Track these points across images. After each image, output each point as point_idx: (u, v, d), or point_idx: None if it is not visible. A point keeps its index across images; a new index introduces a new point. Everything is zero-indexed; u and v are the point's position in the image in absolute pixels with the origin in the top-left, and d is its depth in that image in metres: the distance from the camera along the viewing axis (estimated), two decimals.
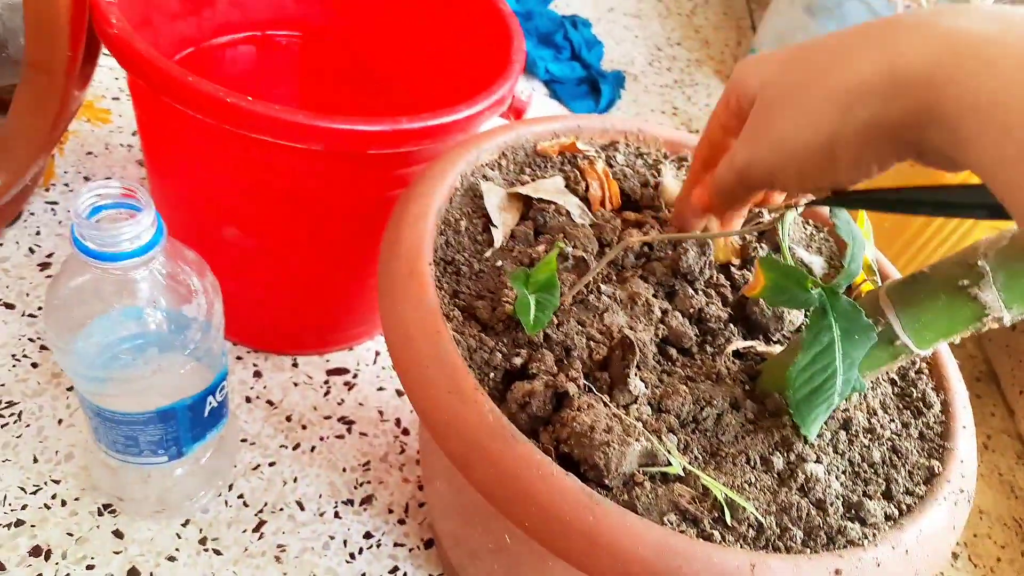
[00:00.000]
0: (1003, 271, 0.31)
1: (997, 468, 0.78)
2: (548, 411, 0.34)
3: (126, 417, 0.42)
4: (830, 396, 0.33)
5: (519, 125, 0.47)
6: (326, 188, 0.48)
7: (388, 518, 0.55)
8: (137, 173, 0.73)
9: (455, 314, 0.36)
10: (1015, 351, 0.85)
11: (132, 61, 0.43)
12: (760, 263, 0.33)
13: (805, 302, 0.33)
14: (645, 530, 0.29)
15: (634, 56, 1.18)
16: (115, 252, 0.35)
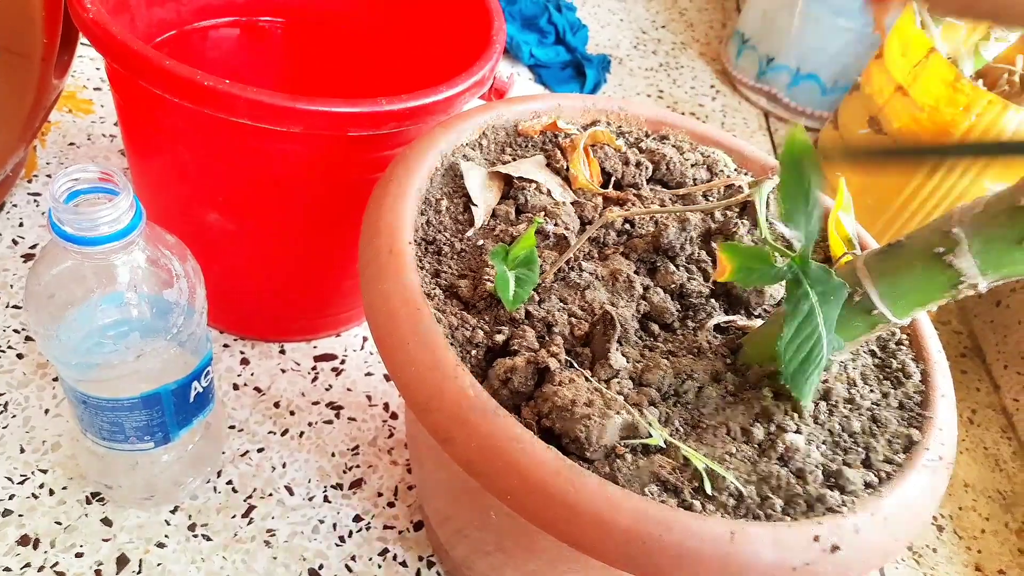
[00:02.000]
0: (978, 237, 0.31)
1: (982, 442, 0.78)
2: (530, 387, 0.34)
3: (110, 403, 0.42)
4: (819, 360, 0.34)
5: (499, 105, 0.47)
6: (308, 171, 0.48)
7: (377, 501, 0.56)
8: (120, 163, 0.72)
9: (436, 293, 0.37)
10: (1000, 326, 0.86)
11: (107, 46, 0.43)
12: (721, 249, 0.34)
13: (777, 276, 0.34)
14: (625, 500, 0.30)
15: (619, 39, 1.17)
16: (94, 236, 0.35)
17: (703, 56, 1.20)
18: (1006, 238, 0.30)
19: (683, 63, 1.17)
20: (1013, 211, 0.30)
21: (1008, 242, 0.31)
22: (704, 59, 1.20)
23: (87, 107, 0.76)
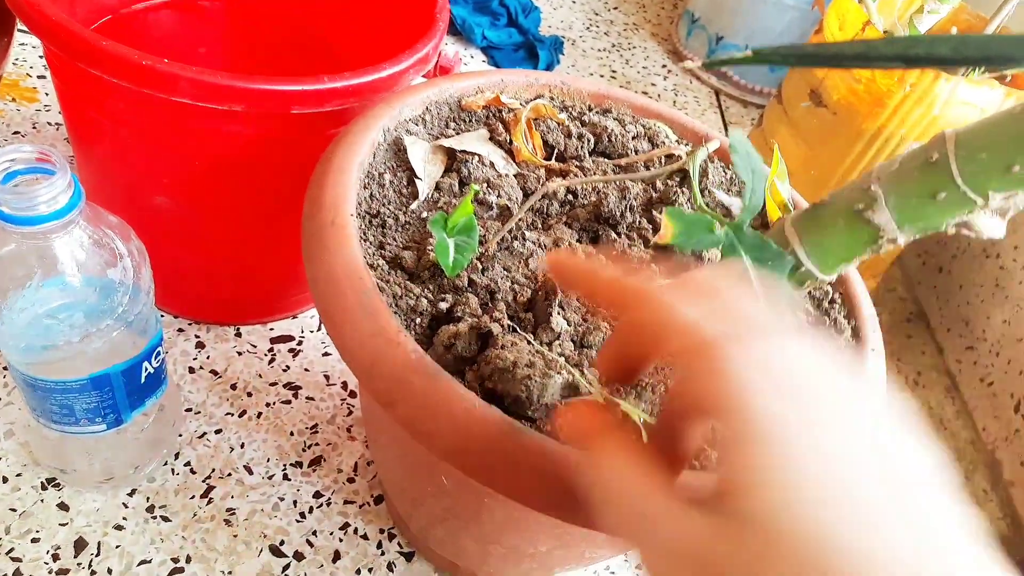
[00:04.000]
0: (894, 193, 0.33)
1: (927, 402, 0.81)
2: (473, 351, 0.35)
3: (59, 385, 0.42)
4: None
5: (443, 81, 0.47)
6: (254, 152, 0.48)
7: (338, 477, 0.56)
8: (67, 151, 0.71)
9: (380, 264, 0.37)
10: (942, 292, 0.89)
11: (43, 27, 0.43)
12: (666, 214, 0.35)
13: (714, 242, 0.35)
14: (565, 455, 0.31)
15: (572, 21, 1.18)
16: (32, 216, 0.35)
17: (655, 36, 1.22)
18: (920, 193, 0.32)
19: (635, 43, 1.18)
20: (925, 167, 0.32)
21: (921, 197, 0.32)
22: (656, 39, 1.21)
23: (31, 95, 0.75)
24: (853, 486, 0.19)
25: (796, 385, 0.20)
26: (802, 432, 0.19)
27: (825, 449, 0.19)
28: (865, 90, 0.67)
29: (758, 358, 0.21)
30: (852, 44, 0.27)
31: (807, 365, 0.21)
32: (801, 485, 0.19)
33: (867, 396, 0.21)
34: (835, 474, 0.19)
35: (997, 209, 0.32)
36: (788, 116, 0.77)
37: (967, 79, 0.65)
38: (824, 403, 0.20)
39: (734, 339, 0.21)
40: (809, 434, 0.19)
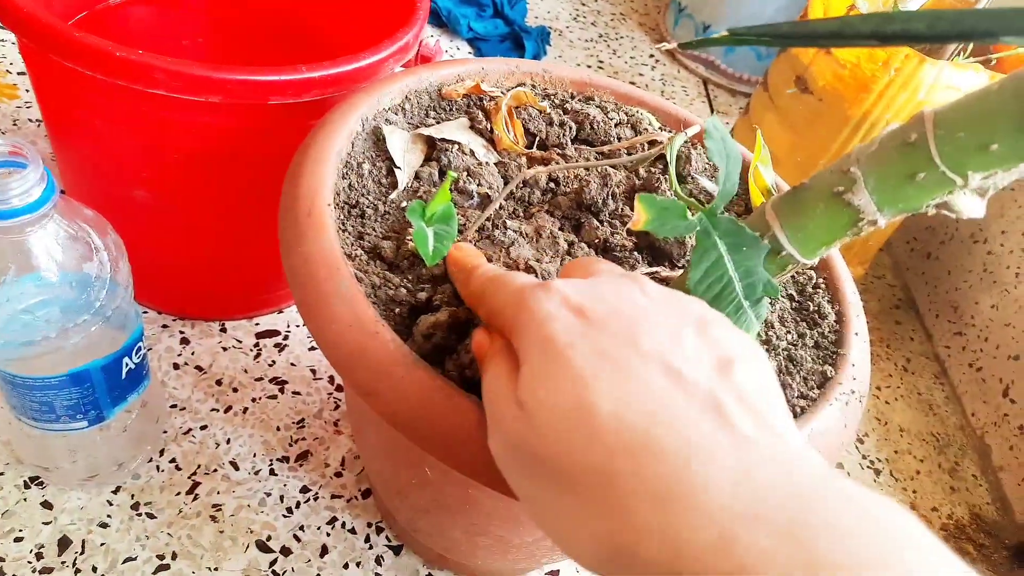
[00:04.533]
0: (873, 175, 0.32)
1: (916, 388, 0.81)
2: (453, 341, 0.35)
3: (38, 382, 0.41)
4: (734, 300, 0.35)
5: (422, 69, 0.47)
6: (232, 143, 0.48)
7: (325, 472, 0.56)
8: (47, 148, 0.71)
9: (358, 254, 0.37)
10: (931, 278, 0.89)
11: (16, 21, 0.42)
12: (639, 200, 0.35)
13: (688, 228, 0.35)
14: None
15: (558, 11, 1.18)
16: (5, 209, 0.35)
17: (642, 26, 1.21)
18: (898, 174, 0.32)
19: (622, 34, 1.18)
20: (903, 147, 0.31)
21: (900, 178, 0.32)
22: (643, 29, 1.20)
23: (11, 92, 0.74)
24: (620, 366, 0.23)
25: (573, 299, 0.25)
26: (577, 338, 0.23)
27: (594, 344, 0.23)
28: (850, 76, 0.67)
29: (557, 292, 0.25)
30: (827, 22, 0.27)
31: (603, 291, 0.26)
32: (571, 380, 0.23)
33: (652, 303, 0.26)
34: (598, 366, 0.23)
35: (976, 189, 0.31)
36: (774, 103, 0.76)
37: (952, 63, 0.65)
38: (615, 312, 0.25)
39: (538, 287, 0.26)
40: (586, 339, 0.23)
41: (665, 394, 0.22)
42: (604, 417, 0.21)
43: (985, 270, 0.81)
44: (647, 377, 0.22)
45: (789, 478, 0.20)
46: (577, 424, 0.22)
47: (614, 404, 0.22)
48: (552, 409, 0.22)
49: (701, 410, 0.22)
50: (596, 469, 0.21)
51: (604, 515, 0.21)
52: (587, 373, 0.22)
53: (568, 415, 0.22)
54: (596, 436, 0.21)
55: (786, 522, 0.19)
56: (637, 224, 0.35)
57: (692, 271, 0.34)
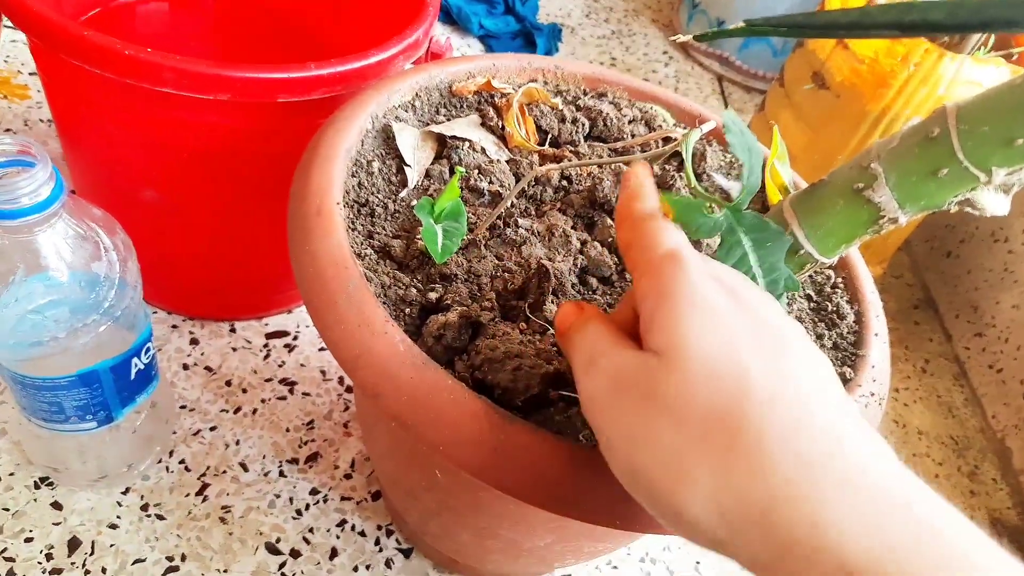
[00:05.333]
0: (894, 171, 0.32)
1: (935, 390, 0.80)
2: (464, 341, 0.34)
3: (47, 382, 0.41)
4: None
5: (433, 66, 0.46)
6: (242, 142, 0.48)
7: (334, 474, 0.56)
8: (58, 148, 0.71)
9: (368, 253, 0.36)
10: (950, 277, 0.87)
11: (26, 20, 0.42)
12: (664, 199, 0.34)
13: (713, 227, 0.34)
14: (556, 446, 0.30)
15: (570, 8, 1.17)
16: (13, 209, 0.35)
17: (655, 23, 1.20)
18: (920, 170, 0.31)
19: (635, 30, 1.17)
20: (925, 142, 0.31)
21: (922, 174, 0.31)
22: (656, 25, 1.19)
23: (23, 92, 0.74)
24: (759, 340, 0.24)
25: (726, 281, 0.26)
26: (732, 313, 0.24)
27: (748, 327, 0.24)
28: (868, 71, 0.66)
29: (701, 264, 0.26)
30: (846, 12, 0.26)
31: (742, 280, 0.27)
32: (723, 339, 0.23)
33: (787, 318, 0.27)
34: (751, 341, 0.24)
35: (1000, 185, 0.31)
36: (790, 99, 0.75)
37: (973, 58, 0.63)
38: (750, 300, 0.26)
39: (692, 252, 0.26)
40: (738, 315, 0.24)
41: (812, 396, 0.23)
42: (760, 380, 0.22)
43: (1006, 269, 0.79)
44: (796, 370, 0.23)
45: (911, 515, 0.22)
46: (730, 378, 0.22)
47: (766, 376, 0.23)
48: (703, 360, 0.23)
49: (842, 416, 0.23)
50: (742, 423, 0.22)
51: (741, 466, 0.22)
52: (740, 341, 0.23)
53: (723, 365, 0.23)
54: (751, 392, 0.22)
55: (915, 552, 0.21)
56: None
57: None
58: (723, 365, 0.23)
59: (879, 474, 0.22)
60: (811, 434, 0.22)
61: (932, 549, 0.21)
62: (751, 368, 0.23)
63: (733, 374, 0.23)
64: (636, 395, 0.24)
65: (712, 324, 0.24)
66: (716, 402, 0.22)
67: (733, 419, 0.22)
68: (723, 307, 0.24)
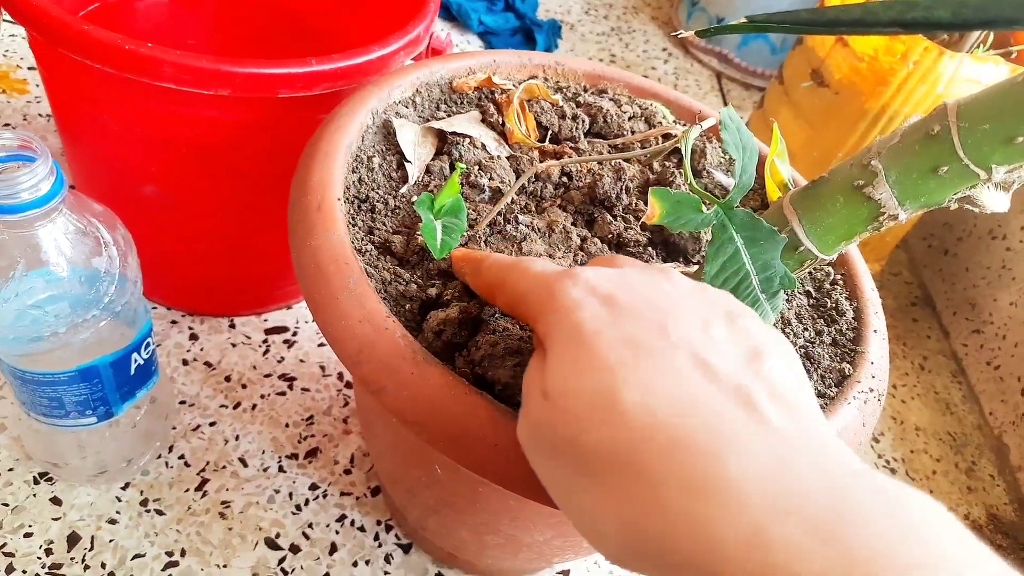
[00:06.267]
0: (894, 168, 0.32)
1: (933, 387, 0.80)
2: (464, 337, 0.34)
3: (46, 377, 0.41)
4: (751, 294, 0.34)
5: (433, 62, 0.46)
6: (243, 138, 0.48)
7: (334, 469, 0.56)
8: (57, 143, 0.71)
9: (368, 249, 0.36)
10: (948, 275, 0.87)
11: (25, 14, 0.42)
12: (652, 193, 0.34)
13: (704, 222, 0.34)
14: None
15: (570, 5, 1.17)
16: (13, 204, 0.35)
17: (655, 19, 1.20)
18: (920, 167, 0.31)
19: (635, 27, 1.17)
20: (926, 140, 0.31)
21: (922, 171, 0.31)
22: (656, 22, 1.19)
23: (21, 87, 0.74)
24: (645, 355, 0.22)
25: (602, 287, 0.25)
26: (605, 327, 0.23)
27: (622, 332, 0.23)
28: (868, 69, 0.66)
29: (585, 280, 0.25)
30: (848, 9, 0.26)
31: (631, 280, 0.25)
32: (596, 368, 0.22)
33: (682, 294, 0.25)
34: (625, 354, 0.22)
35: (1000, 182, 0.31)
36: (790, 97, 0.75)
37: (972, 56, 0.64)
38: (642, 301, 0.24)
39: (567, 273, 0.26)
40: (613, 327, 0.23)
41: (695, 385, 0.22)
42: (630, 405, 0.21)
43: (1004, 267, 0.80)
44: (676, 367, 0.22)
45: (822, 471, 0.20)
46: (602, 410, 0.22)
47: (642, 393, 0.21)
48: (577, 395, 0.22)
49: (732, 402, 0.22)
50: (623, 457, 0.21)
51: (632, 502, 0.21)
52: (613, 361, 0.22)
53: (593, 401, 0.22)
54: (623, 423, 0.21)
55: (820, 517, 0.19)
56: (651, 218, 0.34)
57: (708, 265, 0.34)
58: (597, 402, 0.22)
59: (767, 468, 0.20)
60: (690, 453, 0.20)
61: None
62: (624, 397, 0.21)
63: (608, 414, 0.21)
64: (545, 443, 0.24)
65: (584, 356, 0.23)
66: (606, 448, 0.21)
67: (624, 465, 0.21)
68: (596, 327, 0.23)
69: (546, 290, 0.25)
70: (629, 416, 0.21)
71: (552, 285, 0.25)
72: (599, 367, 0.22)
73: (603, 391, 0.22)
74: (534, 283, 0.27)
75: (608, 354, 0.22)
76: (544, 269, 0.27)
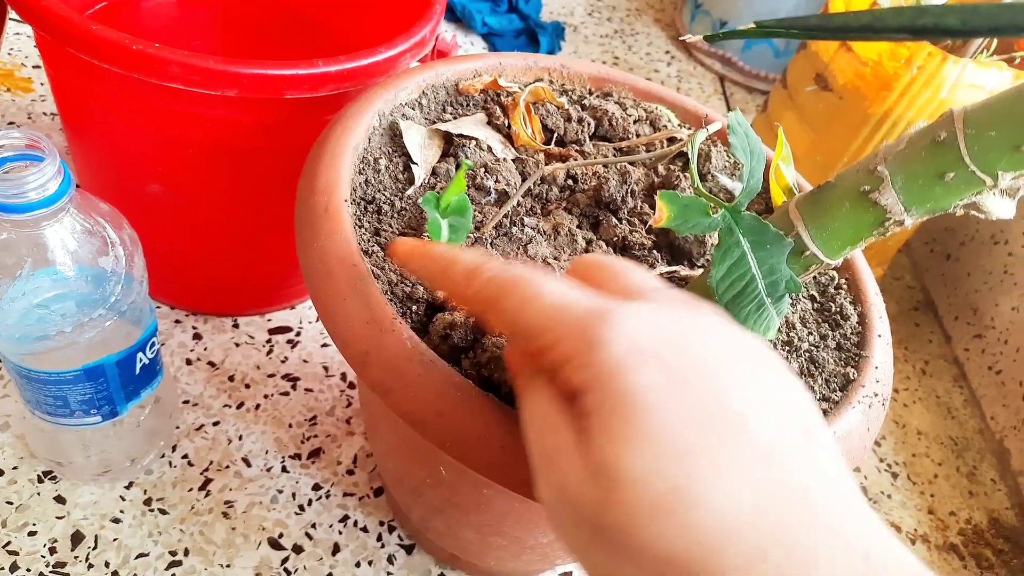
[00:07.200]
0: (901, 174, 0.32)
1: (935, 391, 0.80)
2: (470, 340, 0.34)
3: (52, 376, 0.41)
4: (756, 298, 0.34)
5: (439, 64, 0.46)
6: (248, 138, 0.48)
7: (337, 469, 0.56)
8: (63, 142, 0.71)
9: (375, 250, 0.36)
10: (950, 279, 0.88)
11: (33, 13, 0.42)
12: (661, 197, 0.34)
13: (711, 226, 0.34)
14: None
15: (573, 6, 1.17)
16: (21, 203, 0.35)
17: (658, 22, 1.20)
18: (927, 173, 0.31)
19: (638, 29, 1.17)
20: (933, 146, 0.31)
21: (929, 177, 0.31)
22: (659, 25, 1.20)
23: (26, 85, 0.74)
24: (711, 441, 0.20)
25: (659, 351, 0.21)
26: (665, 398, 0.20)
27: (684, 408, 0.20)
28: (872, 73, 0.66)
29: (629, 334, 0.21)
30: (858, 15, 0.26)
31: (681, 330, 0.22)
32: (660, 451, 0.20)
33: (740, 352, 0.23)
34: (692, 437, 0.20)
35: (1006, 189, 0.31)
36: (793, 101, 0.75)
37: (975, 61, 0.64)
38: (694, 362, 0.21)
39: (603, 315, 0.22)
40: (674, 399, 0.20)
41: (768, 484, 0.20)
42: (706, 509, 0.19)
43: (1006, 272, 0.80)
44: (748, 460, 0.20)
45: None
46: (673, 509, 0.19)
47: (719, 495, 0.19)
48: (643, 485, 0.19)
49: (801, 503, 0.20)
50: (694, 564, 0.19)
51: None
52: (681, 449, 0.20)
53: (666, 499, 0.19)
54: (697, 527, 0.19)
55: None
56: (659, 221, 0.34)
57: (715, 269, 0.34)
58: (666, 496, 0.19)
59: None
60: (774, 563, 0.19)
61: None
62: (697, 492, 0.19)
63: (679, 512, 0.19)
64: (586, 523, 0.21)
65: (644, 434, 0.20)
66: (667, 548, 0.19)
67: (690, 568, 0.19)
68: (655, 398, 0.20)
69: (578, 334, 0.22)
70: (706, 521, 0.19)
71: (587, 331, 0.22)
72: (667, 455, 0.20)
73: (676, 488, 0.19)
74: (556, 319, 0.23)
75: (675, 439, 0.20)
76: (564, 300, 0.23)
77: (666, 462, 0.20)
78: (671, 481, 0.19)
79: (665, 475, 0.19)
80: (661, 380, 0.21)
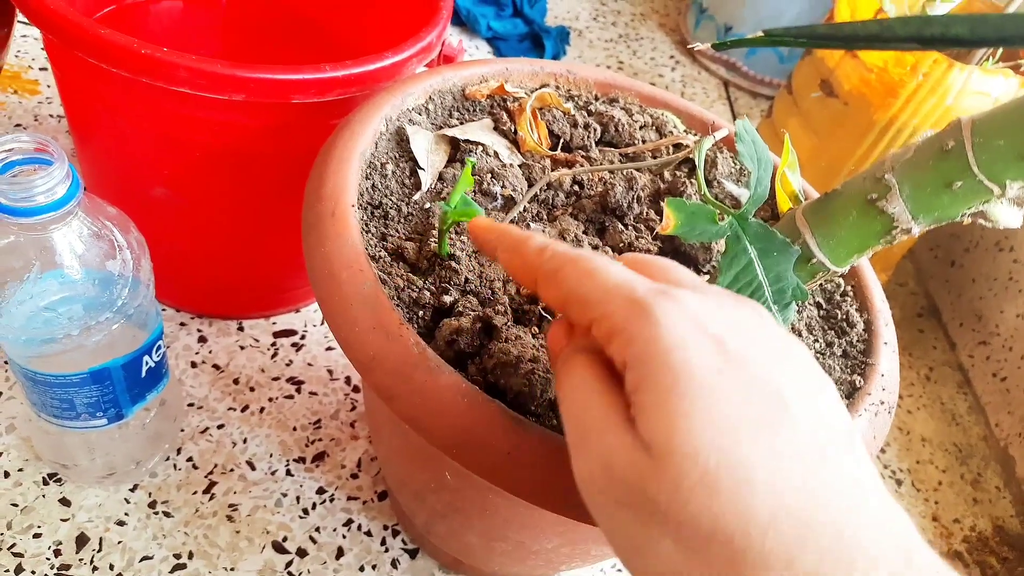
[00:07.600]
0: (908, 182, 0.32)
1: (939, 398, 0.80)
2: (476, 345, 0.34)
3: (58, 379, 0.41)
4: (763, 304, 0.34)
5: (446, 69, 0.46)
6: (254, 142, 0.48)
7: (341, 473, 0.56)
8: (69, 144, 0.71)
9: (382, 255, 0.37)
10: (954, 286, 0.87)
11: (41, 16, 0.42)
12: (668, 204, 0.34)
13: (718, 233, 0.34)
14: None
15: (578, 11, 1.17)
16: (30, 207, 0.35)
17: (663, 27, 1.20)
18: (934, 182, 0.31)
19: (643, 34, 1.17)
20: (940, 155, 0.31)
21: (936, 186, 0.31)
22: (664, 30, 1.20)
23: (33, 87, 0.74)
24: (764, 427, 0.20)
25: (710, 325, 0.22)
26: (721, 379, 0.21)
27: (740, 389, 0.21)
28: (877, 80, 0.66)
29: (675, 309, 0.22)
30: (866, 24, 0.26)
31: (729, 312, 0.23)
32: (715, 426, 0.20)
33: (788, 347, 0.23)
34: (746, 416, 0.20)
35: (1014, 198, 0.31)
36: (798, 107, 0.75)
37: (981, 68, 0.64)
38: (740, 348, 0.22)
39: (664, 293, 0.23)
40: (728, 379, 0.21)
41: (822, 471, 0.20)
42: (758, 485, 0.19)
43: (1010, 278, 0.80)
44: (801, 444, 0.20)
45: None
46: (727, 487, 0.19)
47: (771, 472, 0.20)
48: (696, 460, 0.20)
49: (852, 498, 0.20)
50: (737, 539, 0.19)
51: None
52: (736, 425, 0.20)
53: (716, 474, 0.20)
54: (747, 503, 0.19)
55: None
56: (666, 228, 0.34)
57: (722, 276, 0.34)
58: (718, 470, 0.20)
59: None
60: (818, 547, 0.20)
61: None
62: (749, 469, 0.20)
63: (729, 486, 0.20)
64: (629, 496, 0.21)
65: (700, 409, 0.20)
66: (713, 521, 0.20)
67: (733, 544, 0.19)
68: (711, 377, 0.21)
69: (637, 309, 0.22)
70: (755, 498, 0.19)
71: (648, 306, 0.22)
72: (722, 432, 0.20)
73: (728, 463, 0.20)
74: (615, 292, 0.23)
75: (730, 415, 0.20)
76: (628, 277, 0.24)
77: (720, 437, 0.20)
78: (723, 456, 0.20)
79: (718, 450, 0.20)
80: (718, 362, 0.21)
